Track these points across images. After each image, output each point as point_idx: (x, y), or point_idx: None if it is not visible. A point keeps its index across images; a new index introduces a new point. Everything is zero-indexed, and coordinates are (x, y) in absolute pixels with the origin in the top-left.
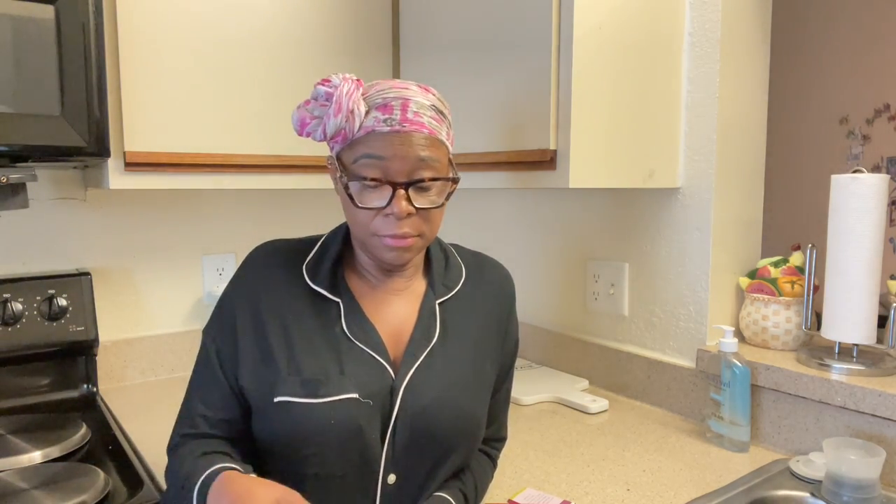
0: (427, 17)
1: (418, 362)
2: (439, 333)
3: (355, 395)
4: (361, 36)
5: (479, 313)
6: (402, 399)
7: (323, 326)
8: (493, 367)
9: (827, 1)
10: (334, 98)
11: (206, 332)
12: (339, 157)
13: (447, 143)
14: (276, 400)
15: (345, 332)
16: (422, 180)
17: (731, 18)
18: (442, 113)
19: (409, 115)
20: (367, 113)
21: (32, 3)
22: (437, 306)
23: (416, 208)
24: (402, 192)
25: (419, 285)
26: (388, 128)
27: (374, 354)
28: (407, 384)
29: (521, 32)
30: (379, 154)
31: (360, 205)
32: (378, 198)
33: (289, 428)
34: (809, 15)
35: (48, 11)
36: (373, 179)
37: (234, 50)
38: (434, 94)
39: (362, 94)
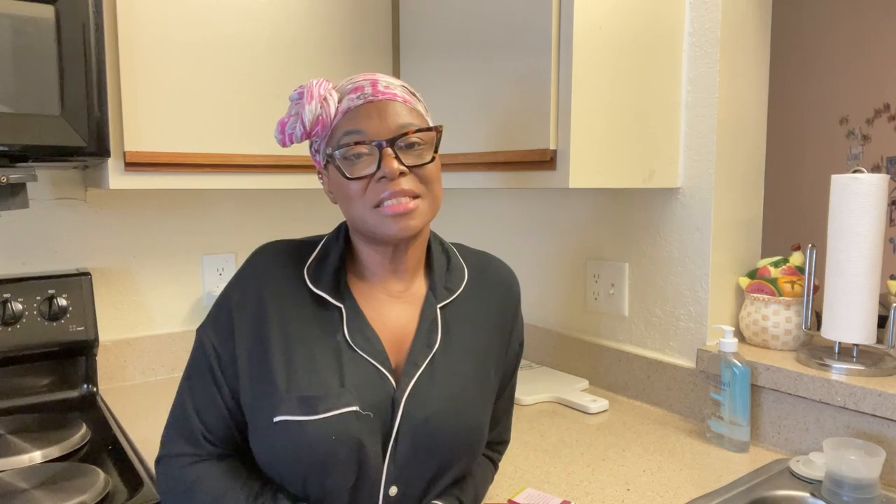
0: (427, 17)
1: (420, 371)
2: (441, 340)
3: (356, 409)
4: (361, 36)
5: (483, 317)
6: (403, 410)
7: (324, 333)
8: (496, 372)
9: (827, 1)
10: (305, 91)
11: (202, 333)
12: (324, 154)
13: (426, 118)
14: (275, 420)
15: (346, 340)
16: (405, 134)
17: (731, 18)
18: (414, 95)
19: (381, 88)
20: (340, 99)
21: (32, 3)
22: (438, 311)
23: (408, 167)
24: (388, 150)
25: (420, 288)
26: (363, 100)
27: (375, 363)
28: (408, 395)
29: (521, 33)
30: (359, 128)
31: (350, 175)
32: (367, 166)
33: (289, 446)
34: (809, 15)
35: (48, 11)
36: (357, 143)
37: (234, 50)
38: (403, 82)
39: (332, 87)
